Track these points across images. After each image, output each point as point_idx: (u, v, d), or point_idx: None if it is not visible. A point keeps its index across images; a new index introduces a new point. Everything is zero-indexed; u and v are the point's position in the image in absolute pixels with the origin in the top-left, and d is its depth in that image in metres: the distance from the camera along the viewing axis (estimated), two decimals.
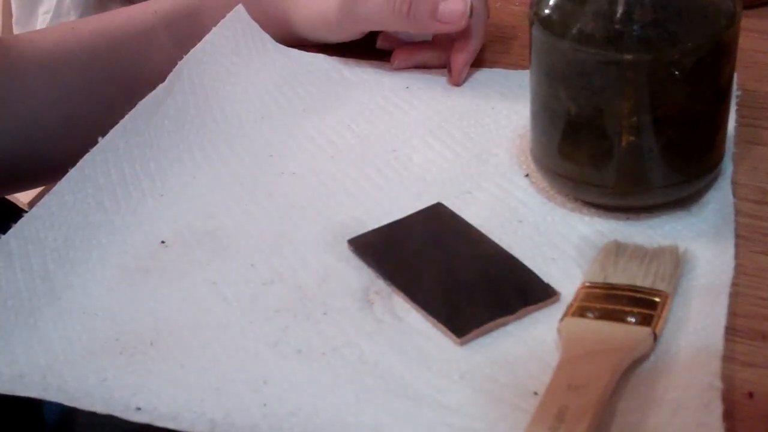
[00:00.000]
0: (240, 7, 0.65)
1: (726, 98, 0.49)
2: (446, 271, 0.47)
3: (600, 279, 0.44)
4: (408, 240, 0.49)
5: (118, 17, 0.66)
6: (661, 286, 0.43)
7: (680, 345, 0.41)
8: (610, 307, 0.42)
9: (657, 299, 0.42)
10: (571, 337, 0.41)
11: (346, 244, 0.49)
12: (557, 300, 0.44)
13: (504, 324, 0.43)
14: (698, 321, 0.42)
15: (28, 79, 0.63)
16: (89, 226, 0.50)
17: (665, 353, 0.41)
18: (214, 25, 0.64)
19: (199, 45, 0.62)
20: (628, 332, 0.41)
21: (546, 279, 0.46)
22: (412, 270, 0.47)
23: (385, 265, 0.47)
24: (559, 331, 0.42)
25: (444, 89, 0.62)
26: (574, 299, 0.43)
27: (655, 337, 0.41)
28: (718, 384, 0.37)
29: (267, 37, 0.66)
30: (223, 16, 0.65)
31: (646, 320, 0.41)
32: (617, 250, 0.46)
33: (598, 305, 0.42)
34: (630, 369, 0.40)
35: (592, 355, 0.40)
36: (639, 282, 0.43)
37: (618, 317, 0.42)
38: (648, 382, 0.39)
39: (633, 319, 0.41)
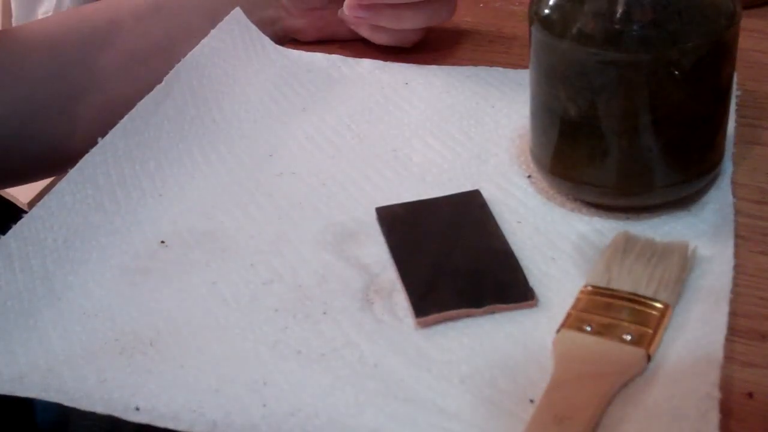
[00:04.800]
0: (238, 10, 0.65)
1: (726, 98, 0.49)
2: (444, 255, 0.48)
3: (603, 282, 0.43)
4: (429, 219, 0.50)
5: None
6: (663, 295, 0.42)
7: (679, 352, 0.41)
8: (608, 320, 0.42)
9: (656, 313, 0.42)
10: (565, 354, 0.41)
11: (346, 244, 0.49)
12: (533, 305, 0.44)
13: (468, 316, 0.44)
14: (697, 327, 0.41)
15: (28, 59, 0.63)
16: (89, 227, 0.50)
17: (664, 360, 0.40)
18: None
19: (197, 48, 0.62)
20: (622, 353, 0.40)
21: (545, 279, 0.46)
22: (415, 248, 0.48)
23: (394, 238, 0.49)
24: (554, 344, 0.42)
25: (443, 85, 0.62)
26: (574, 306, 0.43)
27: (649, 359, 0.40)
28: (716, 394, 0.37)
29: (266, 39, 0.66)
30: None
31: (642, 339, 0.41)
32: (626, 245, 0.45)
33: (596, 316, 0.42)
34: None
35: (582, 380, 0.39)
36: (642, 290, 0.43)
37: (614, 334, 0.41)
38: (645, 390, 0.39)
39: (629, 337, 0.41)
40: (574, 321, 0.42)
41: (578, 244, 0.48)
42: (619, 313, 0.42)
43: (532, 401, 0.39)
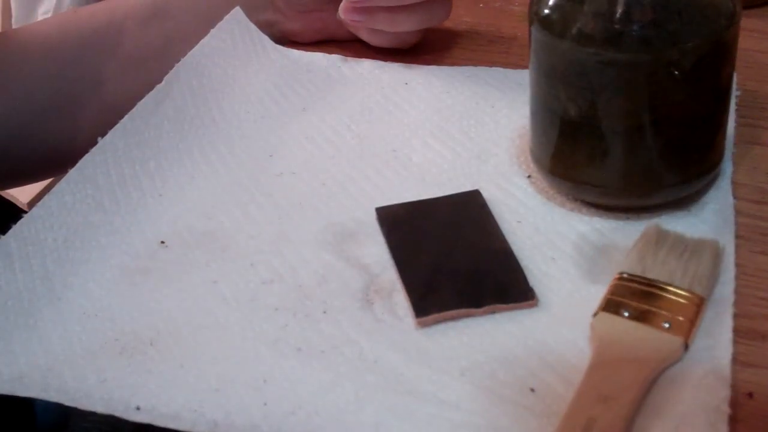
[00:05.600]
0: (238, 9, 0.65)
1: (726, 98, 0.49)
2: (444, 255, 0.48)
3: (638, 271, 0.43)
4: (429, 219, 0.50)
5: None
6: (698, 289, 0.42)
7: (686, 362, 0.40)
8: (646, 307, 0.41)
9: (692, 304, 0.42)
10: (605, 336, 0.41)
11: (346, 244, 0.49)
12: (533, 305, 0.44)
13: (468, 316, 0.44)
14: (702, 337, 0.41)
15: (27, 60, 0.63)
16: (89, 227, 0.50)
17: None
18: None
19: (196, 47, 0.62)
20: (661, 340, 0.40)
21: (545, 279, 0.46)
22: (415, 248, 0.48)
23: (394, 238, 0.49)
24: (591, 327, 0.42)
25: (443, 85, 0.62)
26: (610, 292, 0.43)
27: (686, 347, 0.40)
28: (726, 408, 0.37)
29: (265, 38, 0.66)
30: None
31: (679, 327, 0.41)
32: (657, 238, 0.45)
33: (634, 302, 0.42)
34: None
35: (623, 363, 0.39)
36: (677, 281, 0.43)
37: (653, 321, 0.41)
38: (653, 392, 0.39)
39: (667, 325, 0.41)
40: (610, 305, 0.42)
41: (578, 244, 0.48)
42: (656, 301, 0.42)
43: (532, 390, 0.39)
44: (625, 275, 0.43)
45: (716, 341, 0.41)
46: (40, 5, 1.22)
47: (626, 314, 0.41)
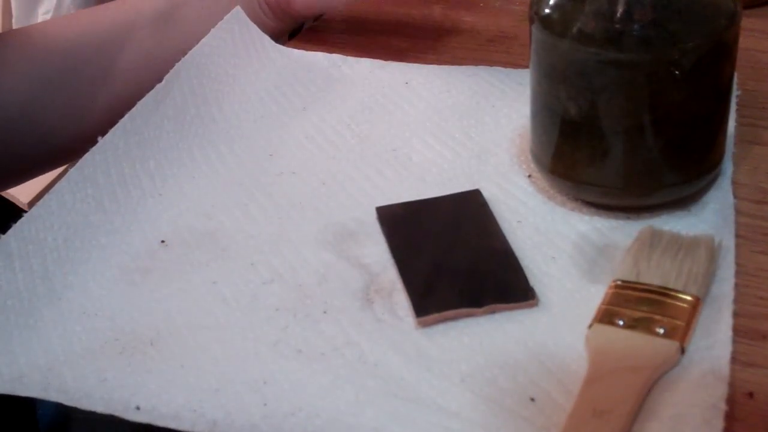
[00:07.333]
0: (238, 9, 0.65)
1: (726, 98, 0.49)
2: (444, 254, 0.48)
3: (632, 277, 0.43)
4: (429, 219, 0.50)
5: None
6: (692, 289, 0.42)
7: (684, 363, 0.40)
8: (640, 314, 0.41)
9: (687, 306, 0.42)
10: (599, 348, 0.41)
11: (346, 244, 0.49)
12: (534, 305, 0.44)
13: (468, 315, 0.44)
14: (702, 337, 0.41)
15: (43, 57, 0.63)
16: (89, 226, 0.50)
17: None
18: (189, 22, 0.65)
19: (197, 47, 0.62)
20: (656, 347, 0.40)
21: (546, 279, 0.46)
22: (415, 247, 0.48)
23: (394, 238, 0.49)
24: (587, 339, 0.41)
25: (443, 85, 0.62)
26: (604, 301, 0.43)
27: (683, 351, 0.40)
28: (722, 406, 0.37)
29: (266, 38, 0.66)
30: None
31: (675, 332, 0.40)
32: (652, 239, 0.45)
33: (628, 311, 0.42)
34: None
35: (619, 374, 0.39)
36: (671, 283, 0.43)
37: (648, 327, 0.41)
38: (650, 395, 0.39)
39: (662, 330, 0.41)
40: (605, 315, 0.42)
41: (579, 243, 0.48)
42: (650, 307, 0.42)
43: (532, 399, 0.39)
44: (619, 282, 0.43)
45: (715, 340, 0.41)
46: (40, 5, 1.22)
47: (621, 323, 0.41)
